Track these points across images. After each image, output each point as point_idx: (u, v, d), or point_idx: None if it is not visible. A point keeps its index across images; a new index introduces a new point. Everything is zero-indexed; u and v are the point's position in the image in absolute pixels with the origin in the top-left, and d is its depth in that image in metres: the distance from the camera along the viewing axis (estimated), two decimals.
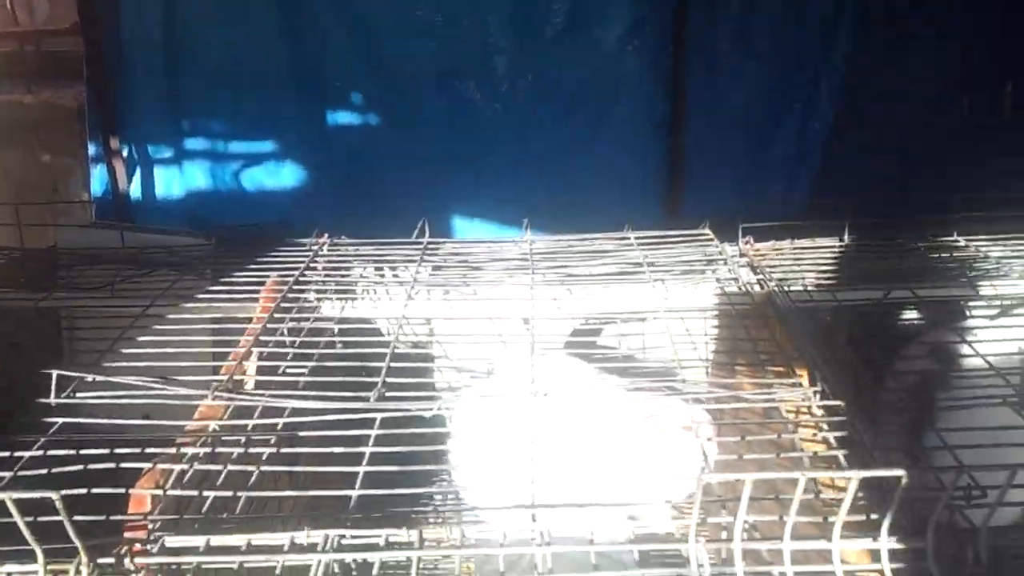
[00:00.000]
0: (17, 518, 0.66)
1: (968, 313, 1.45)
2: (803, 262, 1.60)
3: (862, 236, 1.67)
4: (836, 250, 1.65)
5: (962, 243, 1.62)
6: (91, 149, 2.40)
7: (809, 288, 1.50)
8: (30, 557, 0.72)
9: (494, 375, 1.43)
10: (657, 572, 0.71)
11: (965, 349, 1.31)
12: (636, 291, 1.49)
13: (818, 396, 1.04)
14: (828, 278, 1.54)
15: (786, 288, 1.46)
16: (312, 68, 2.36)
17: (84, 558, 0.69)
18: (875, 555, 0.70)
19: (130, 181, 2.44)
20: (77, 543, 0.69)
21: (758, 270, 1.54)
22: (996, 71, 2.31)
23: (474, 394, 1.32)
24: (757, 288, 1.46)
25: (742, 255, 1.63)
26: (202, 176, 2.45)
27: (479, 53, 2.33)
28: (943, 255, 1.59)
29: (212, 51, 2.35)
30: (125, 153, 2.42)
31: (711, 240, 1.61)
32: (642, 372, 1.43)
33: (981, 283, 1.46)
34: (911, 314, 1.58)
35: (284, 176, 2.45)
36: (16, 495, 0.65)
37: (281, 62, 2.34)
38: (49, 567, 0.69)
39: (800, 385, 1.08)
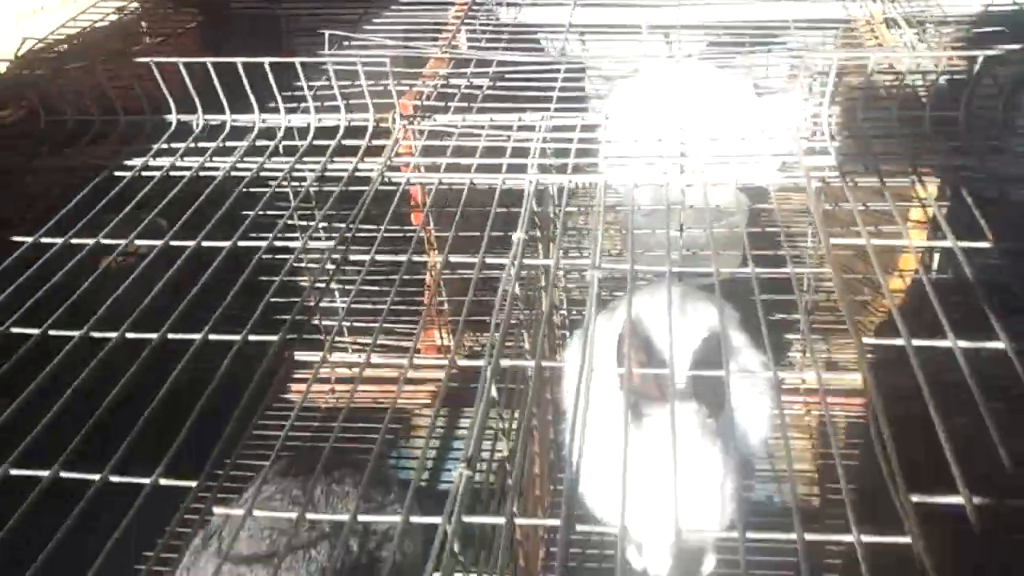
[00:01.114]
0: (360, 75, 1.05)
1: None
2: None
3: None
4: None
5: None
6: None
7: None
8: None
9: (639, 73, 1.73)
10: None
11: None
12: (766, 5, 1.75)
13: None
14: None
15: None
16: None
17: (398, 108, 1.09)
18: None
19: None
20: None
21: None
22: None
23: (624, 82, 1.63)
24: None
25: None
26: None
27: None
28: None
29: None
30: None
31: None
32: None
33: None
34: None
35: None
36: (365, 56, 1.04)
37: None
38: (375, 117, 1.10)
39: None
